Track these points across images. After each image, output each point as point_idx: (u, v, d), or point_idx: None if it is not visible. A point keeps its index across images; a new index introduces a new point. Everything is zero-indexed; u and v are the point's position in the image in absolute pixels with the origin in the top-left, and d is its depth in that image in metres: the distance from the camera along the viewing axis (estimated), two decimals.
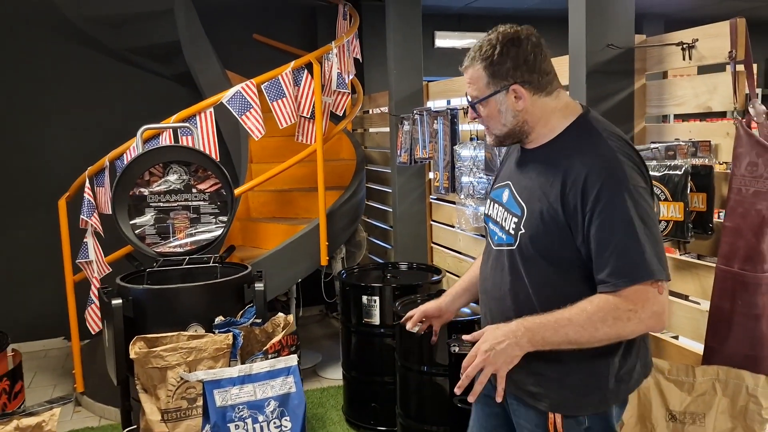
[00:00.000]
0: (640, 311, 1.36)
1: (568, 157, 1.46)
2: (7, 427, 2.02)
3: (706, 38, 1.99)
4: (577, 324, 1.38)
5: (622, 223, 1.37)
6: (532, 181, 1.52)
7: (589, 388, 1.49)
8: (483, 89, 1.53)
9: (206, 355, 2.40)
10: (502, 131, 1.56)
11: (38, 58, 4.71)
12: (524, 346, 1.40)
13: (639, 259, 1.36)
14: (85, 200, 3.44)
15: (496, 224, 1.62)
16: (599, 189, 1.39)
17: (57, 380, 4.18)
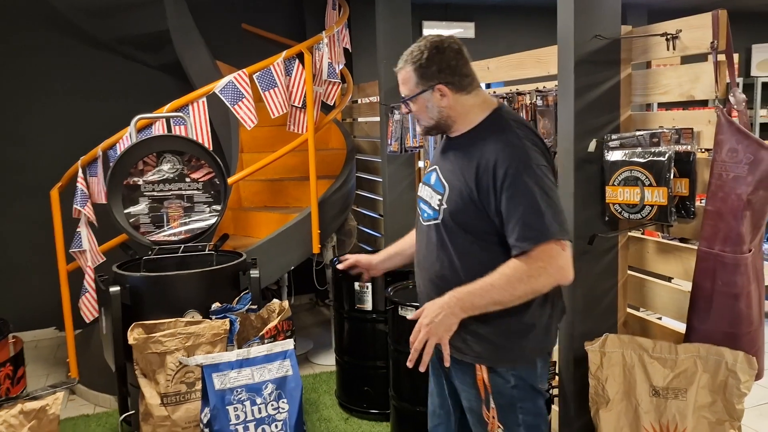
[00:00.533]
0: (548, 267, 1.61)
1: (482, 143, 1.72)
2: (11, 410, 2.06)
3: (689, 29, 2.05)
4: (499, 287, 1.62)
5: (525, 196, 1.62)
6: (453, 164, 1.77)
7: (512, 343, 1.73)
8: (413, 88, 1.78)
9: (204, 340, 2.45)
10: (429, 123, 1.82)
11: (27, 49, 4.68)
12: (458, 314, 1.64)
13: (540, 224, 1.60)
14: (79, 190, 3.46)
15: (425, 203, 1.85)
16: (506, 169, 1.64)
17: (50, 369, 4.20)
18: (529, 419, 1.76)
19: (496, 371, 1.74)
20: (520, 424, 1.75)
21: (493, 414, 1.74)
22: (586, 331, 2.31)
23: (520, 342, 1.73)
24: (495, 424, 1.74)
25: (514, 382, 1.73)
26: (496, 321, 1.69)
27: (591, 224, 2.29)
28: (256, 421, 2.22)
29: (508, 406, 1.74)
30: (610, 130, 2.27)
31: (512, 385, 1.74)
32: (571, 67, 2.22)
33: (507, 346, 1.73)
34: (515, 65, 2.89)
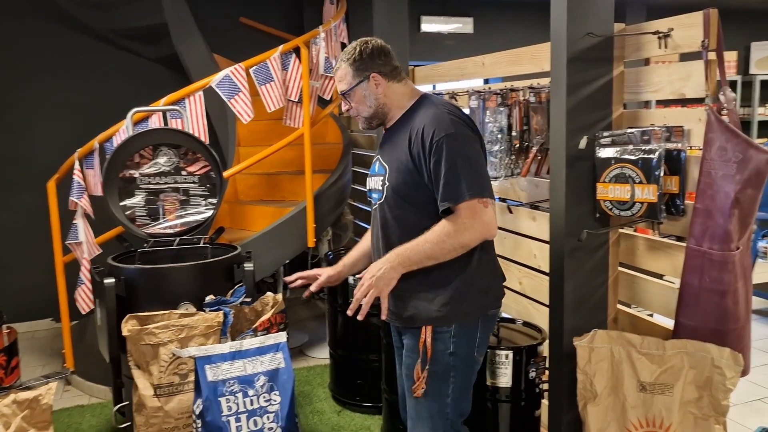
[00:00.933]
0: (473, 222, 1.81)
1: (412, 120, 1.94)
2: (4, 400, 2.08)
3: (681, 28, 2.06)
4: (431, 241, 1.81)
5: (447, 160, 1.81)
6: (392, 147, 1.98)
7: (455, 302, 1.89)
8: (351, 81, 1.97)
9: (197, 332, 2.47)
10: (368, 113, 2.00)
11: (23, 41, 4.68)
12: (397, 268, 1.82)
13: (459, 185, 1.80)
14: (75, 182, 3.47)
15: (372, 191, 2.07)
16: (432, 136, 1.83)
17: (46, 360, 4.22)
18: (457, 391, 1.93)
19: (439, 335, 1.90)
20: (449, 395, 1.92)
21: (424, 375, 1.89)
22: (576, 327, 2.33)
23: (462, 301, 1.90)
24: (421, 384, 1.89)
25: (452, 349, 1.90)
26: (441, 284, 1.89)
27: (582, 221, 2.31)
28: (248, 413, 2.24)
29: (441, 374, 1.90)
30: (602, 127, 2.29)
31: (450, 352, 1.90)
32: (564, 65, 2.23)
33: (450, 305, 1.89)
34: (511, 61, 2.91)
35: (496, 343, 2.51)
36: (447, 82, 3.75)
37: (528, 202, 2.87)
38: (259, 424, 2.24)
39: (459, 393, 1.94)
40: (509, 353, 2.40)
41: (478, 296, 1.94)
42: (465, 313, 1.92)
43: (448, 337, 1.90)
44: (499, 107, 2.72)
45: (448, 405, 1.92)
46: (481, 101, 2.80)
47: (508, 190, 2.96)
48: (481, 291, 1.94)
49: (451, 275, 1.89)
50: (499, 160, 2.76)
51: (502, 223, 3.00)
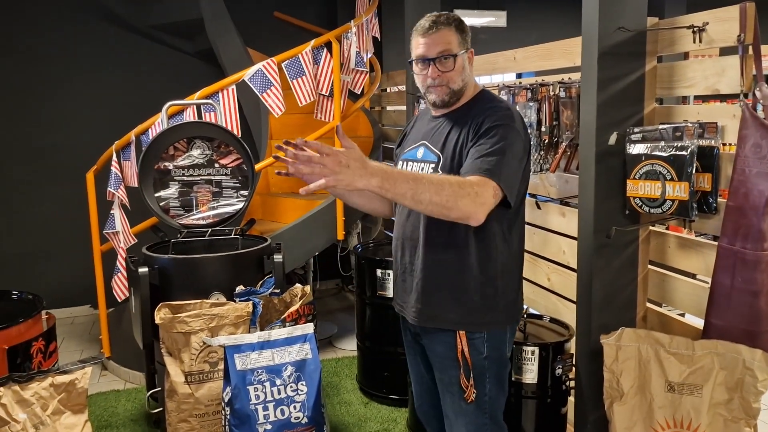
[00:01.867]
0: (478, 195, 1.65)
1: (475, 112, 1.84)
2: (43, 383, 2.16)
3: (716, 22, 2.02)
4: (429, 182, 1.60)
5: (498, 141, 1.73)
6: (448, 135, 1.87)
7: (486, 309, 1.87)
8: (456, 47, 1.84)
9: (227, 321, 2.52)
10: (459, 86, 1.87)
11: (63, 35, 4.81)
12: (371, 185, 1.52)
13: (495, 166, 1.70)
14: (112, 173, 3.57)
15: None
16: (491, 122, 1.77)
17: (84, 345, 4.36)
18: (494, 389, 1.93)
19: (472, 342, 1.87)
20: (486, 393, 1.92)
21: (471, 383, 1.89)
22: (604, 324, 2.31)
23: (494, 307, 1.88)
24: (471, 391, 1.89)
25: (486, 353, 1.89)
26: (472, 288, 1.85)
27: (611, 217, 2.29)
28: (275, 402, 2.28)
29: (478, 377, 1.90)
30: (633, 123, 2.26)
31: (484, 356, 1.89)
32: (595, 59, 2.20)
33: (482, 309, 1.87)
34: (542, 56, 2.88)
35: (523, 338, 2.50)
36: (479, 77, 3.74)
37: (557, 198, 2.85)
38: (286, 413, 2.28)
39: (495, 390, 1.95)
40: (535, 349, 2.40)
41: (509, 305, 1.93)
42: (496, 320, 1.91)
43: (482, 343, 1.89)
44: (529, 102, 2.71)
45: (486, 402, 1.93)
46: (511, 96, 2.78)
47: (537, 186, 2.94)
48: (511, 301, 1.93)
49: (485, 279, 1.86)
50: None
51: (531, 219, 2.98)
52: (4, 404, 2.04)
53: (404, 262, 1.99)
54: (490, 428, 1.96)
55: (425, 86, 1.89)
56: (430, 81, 1.86)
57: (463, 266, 1.85)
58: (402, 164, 1.99)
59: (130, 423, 3.23)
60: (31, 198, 4.84)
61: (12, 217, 4.81)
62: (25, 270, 4.80)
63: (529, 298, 3.04)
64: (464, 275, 1.86)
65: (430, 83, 1.87)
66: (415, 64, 1.88)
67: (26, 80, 4.74)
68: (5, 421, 2.04)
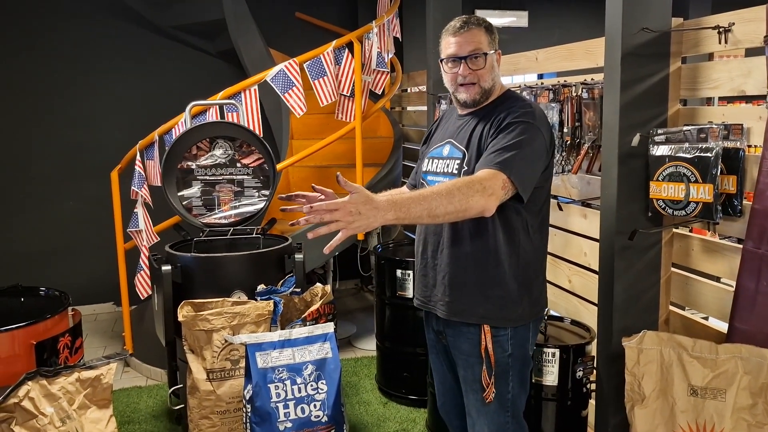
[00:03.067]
0: (485, 188, 1.68)
1: (499, 108, 1.90)
2: (69, 378, 2.20)
3: (742, 22, 1.99)
4: (438, 194, 1.63)
5: (516, 137, 1.77)
6: (473, 132, 1.91)
7: (513, 304, 1.89)
8: (486, 47, 1.90)
9: (249, 320, 2.55)
10: (489, 85, 1.92)
11: (89, 37, 4.89)
12: (388, 217, 1.56)
13: (508, 160, 1.74)
14: (136, 172, 3.62)
15: (436, 174, 1.99)
16: (512, 117, 1.81)
17: (107, 342, 4.43)
18: (516, 388, 1.95)
19: (497, 339, 1.89)
20: (509, 392, 1.94)
21: (492, 381, 1.90)
22: (625, 327, 2.30)
23: (518, 303, 1.90)
24: (492, 389, 1.91)
25: (510, 350, 1.91)
26: (497, 283, 1.87)
27: (633, 219, 2.27)
28: (295, 400, 2.30)
29: (501, 375, 1.92)
30: (656, 124, 2.24)
31: (509, 354, 1.91)
32: (618, 60, 2.19)
33: (507, 305, 1.89)
34: (564, 56, 2.86)
35: (544, 340, 2.49)
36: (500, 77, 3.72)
37: (579, 200, 2.83)
38: (306, 411, 2.30)
39: (518, 389, 1.97)
40: (556, 351, 2.39)
41: (533, 301, 1.95)
42: (521, 316, 1.92)
43: (506, 340, 1.91)
44: (551, 103, 2.69)
45: (508, 401, 1.94)
46: (533, 97, 2.77)
47: (559, 187, 2.93)
48: (535, 298, 1.95)
49: (509, 274, 1.89)
50: None
51: (552, 220, 2.95)
52: (32, 398, 2.09)
53: (426, 257, 2.01)
54: (512, 427, 1.97)
55: (455, 85, 1.93)
56: (460, 79, 1.91)
57: (488, 261, 1.88)
58: (428, 162, 2.04)
59: (152, 419, 3.28)
60: (57, 196, 4.92)
61: (38, 215, 4.89)
62: (50, 267, 4.89)
63: (549, 300, 3.01)
64: (488, 270, 1.88)
65: (460, 81, 1.91)
66: (446, 63, 1.93)
67: (52, 80, 4.83)
68: (33, 415, 2.08)
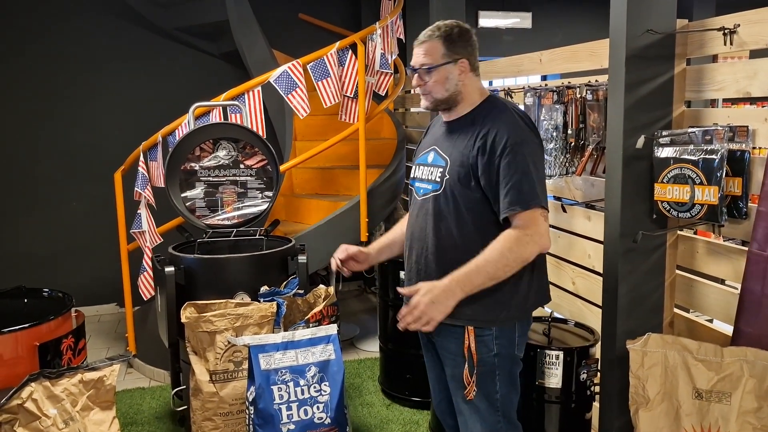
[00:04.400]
0: (534, 235, 1.79)
1: (482, 120, 1.90)
2: (72, 379, 2.20)
3: (747, 24, 1.99)
4: (492, 260, 1.77)
5: (520, 165, 1.80)
6: (455, 141, 1.94)
7: (499, 304, 1.88)
8: (438, 59, 1.91)
9: (252, 321, 2.55)
10: (442, 96, 1.94)
11: (93, 38, 4.90)
12: (458, 295, 1.77)
13: (531, 191, 1.79)
14: (140, 173, 3.62)
15: (422, 181, 2.02)
16: (506, 140, 1.81)
17: (110, 343, 4.43)
18: (504, 387, 1.95)
19: (481, 339, 1.90)
20: (497, 392, 1.94)
21: (474, 379, 1.91)
22: (630, 330, 2.29)
23: (505, 304, 1.89)
24: (472, 388, 1.91)
25: (496, 350, 1.91)
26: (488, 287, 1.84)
27: (638, 222, 2.26)
28: (299, 402, 2.30)
29: (488, 374, 1.92)
30: (661, 126, 2.23)
31: (494, 354, 1.91)
32: (623, 62, 2.18)
33: (494, 306, 1.88)
34: (568, 58, 2.86)
35: (547, 343, 2.49)
36: (504, 78, 3.73)
37: (583, 202, 2.82)
38: (309, 413, 2.30)
39: (507, 388, 1.96)
40: (560, 354, 2.38)
41: (520, 301, 1.92)
42: (506, 317, 1.92)
43: (491, 340, 1.91)
44: (555, 104, 2.69)
45: (497, 401, 1.94)
46: (537, 98, 2.77)
47: (563, 189, 2.92)
48: (522, 296, 1.92)
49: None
50: (554, 158, 2.72)
51: (556, 222, 2.97)
52: (36, 399, 2.09)
53: (411, 263, 2.03)
54: (504, 426, 1.97)
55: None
56: (418, 89, 1.99)
57: None
58: (415, 168, 2.08)
59: (155, 421, 3.28)
60: (60, 197, 4.93)
61: (41, 217, 4.90)
62: (53, 268, 4.90)
63: (553, 302, 3.02)
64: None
65: (419, 91, 1.99)
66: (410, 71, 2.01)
67: (56, 82, 4.84)
68: (36, 416, 2.08)
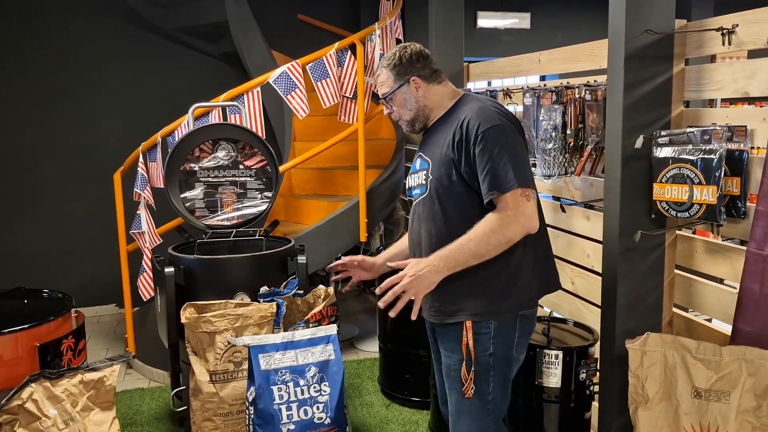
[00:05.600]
0: (516, 215, 1.80)
1: (456, 114, 1.95)
2: (73, 380, 2.20)
3: (746, 24, 2.00)
4: (475, 239, 1.81)
5: (493, 150, 1.82)
6: (434, 142, 2.00)
7: (499, 297, 1.90)
8: (392, 85, 2.01)
9: (252, 322, 2.55)
10: (410, 115, 2.03)
11: (92, 38, 4.89)
12: (442, 271, 1.81)
13: (506, 174, 1.80)
14: (139, 174, 3.62)
15: (413, 188, 2.07)
16: (477, 127, 1.84)
17: (109, 344, 4.43)
18: (498, 389, 1.95)
19: (478, 337, 1.90)
20: (490, 393, 1.94)
21: (471, 377, 1.91)
22: (629, 329, 2.29)
23: (505, 293, 1.90)
24: (470, 386, 1.92)
25: (492, 350, 1.92)
26: (483, 278, 1.88)
27: (637, 221, 2.27)
28: (298, 402, 2.30)
29: (483, 374, 1.93)
30: (659, 126, 2.24)
31: (490, 353, 1.92)
32: (621, 62, 2.19)
33: (494, 297, 1.90)
34: (567, 58, 2.86)
35: (546, 342, 2.49)
36: (502, 79, 3.73)
37: (582, 201, 2.83)
38: (309, 413, 2.30)
39: (499, 391, 1.96)
40: (559, 353, 2.38)
41: (518, 293, 1.92)
42: (507, 308, 1.92)
43: (488, 338, 1.91)
44: (554, 105, 2.69)
45: (489, 402, 1.94)
46: (536, 98, 2.77)
47: (562, 189, 2.93)
48: (523, 287, 1.92)
49: (493, 269, 1.88)
50: (553, 158, 2.73)
51: (555, 222, 2.97)
52: (36, 400, 2.09)
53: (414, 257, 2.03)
54: (493, 430, 1.97)
55: None
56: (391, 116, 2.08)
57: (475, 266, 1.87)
58: (408, 178, 2.12)
59: (155, 421, 3.28)
60: (60, 198, 4.93)
61: (41, 217, 4.90)
62: (53, 268, 4.89)
63: (552, 302, 3.03)
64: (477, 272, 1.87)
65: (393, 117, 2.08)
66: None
67: (55, 83, 4.83)
68: (36, 417, 2.09)
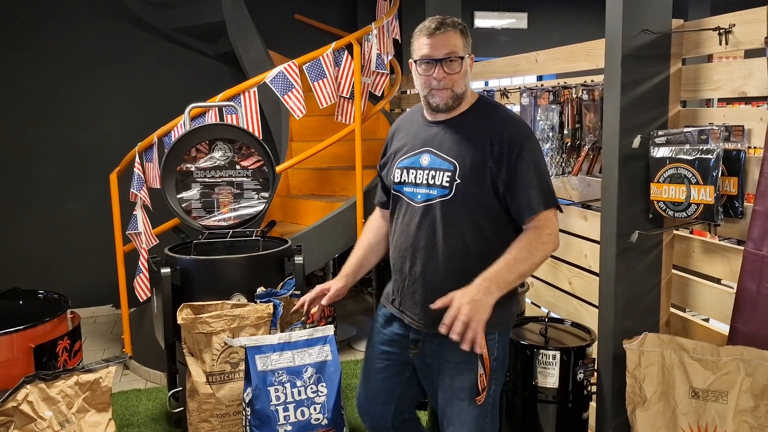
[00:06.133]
0: (552, 234, 1.79)
1: (486, 120, 1.84)
2: (68, 381, 2.19)
3: (743, 23, 1.99)
4: (521, 258, 1.73)
5: (536, 166, 1.79)
6: (458, 142, 1.84)
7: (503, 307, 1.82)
8: (461, 51, 1.82)
9: (248, 322, 2.54)
10: (462, 90, 1.85)
11: (89, 38, 4.88)
12: (494, 293, 1.68)
13: (549, 192, 1.80)
14: (135, 175, 3.61)
15: (418, 186, 1.88)
16: (520, 143, 1.78)
17: (106, 345, 4.41)
18: (496, 393, 1.94)
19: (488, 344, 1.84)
20: (491, 395, 1.92)
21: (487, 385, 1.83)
22: (626, 329, 2.29)
23: (507, 307, 1.88)
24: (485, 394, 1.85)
25: (496, 354, 1.89)
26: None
27: (634, 221, 2.26)
28: (295, 403, 2.29)
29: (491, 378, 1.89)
30: (657, 126, 2.23)
31: (495, 358, 1.89)
32: (618, 62, 2.18)
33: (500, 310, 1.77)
34: (564, 58, 2.86)
35: (544, 343, 2.48)
36: (499, 79, 3.73)
37: (579, 201, 2.83)
38: (306, 414, 2.29)
39: (497, 395, 1.96)
40: (556, 354, 2.38)
41: (513, 305, 1.96)
42: (508, 320, 1.94)
43: (494, 344, 1.88)
44: (551, 105, 2.69)
45: (488, 404, 1.93)
46: (533, 98, 2.77)
47: (559, 189, 2.93)
48: (515, 300, 1.98)
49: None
50: (550, 158, 2.72)
51: None
52: (31, 402, 2.08)
53: (414, 273, 1.91)
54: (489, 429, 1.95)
55: (428, 88, 1.83)
56: (435, 83, 1.81)
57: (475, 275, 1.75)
58: (401, 172, 1.92)
59: (151, 422, 3.27)
60: (56, 198, 4.91)
61: (37, 218, 4.88)
62: (48, 269, 4.88)
63: (550, 302, 3.03)
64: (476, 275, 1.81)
65: (434, 85, 1.81)
66: (419, 65, 1.82)
67: (52, 83, 4.82)
68: (32, 418, 2.07)
